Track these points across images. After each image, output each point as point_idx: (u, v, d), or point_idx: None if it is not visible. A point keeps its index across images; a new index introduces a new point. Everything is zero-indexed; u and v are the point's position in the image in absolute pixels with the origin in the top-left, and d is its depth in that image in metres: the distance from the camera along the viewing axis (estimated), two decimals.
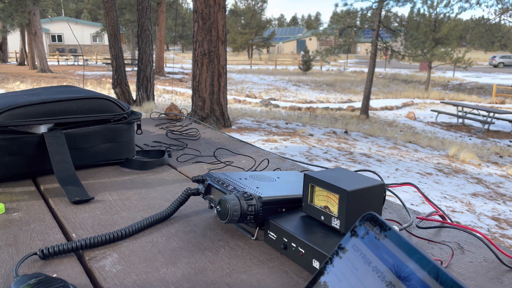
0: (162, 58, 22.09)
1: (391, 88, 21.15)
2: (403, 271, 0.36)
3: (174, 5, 27.74)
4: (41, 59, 20.18)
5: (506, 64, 36.53)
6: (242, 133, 7.17)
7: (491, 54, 43.03)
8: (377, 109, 14.19)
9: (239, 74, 25.40)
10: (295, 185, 0.76)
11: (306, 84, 21.54)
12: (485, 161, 7.02)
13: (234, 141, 1.37)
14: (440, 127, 11.33)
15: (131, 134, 1.07)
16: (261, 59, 46.63)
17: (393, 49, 15.03)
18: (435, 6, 19.08)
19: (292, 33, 71.96)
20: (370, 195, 0.63)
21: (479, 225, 3.98)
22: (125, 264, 0.59)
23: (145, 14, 9.71)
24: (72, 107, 0.96)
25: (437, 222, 0.75)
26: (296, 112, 12.39)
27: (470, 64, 18.91)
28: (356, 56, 55.20)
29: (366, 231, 0.41)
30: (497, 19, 22.08)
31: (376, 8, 13.86)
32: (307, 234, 0.61)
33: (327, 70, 31.68)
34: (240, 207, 0.63)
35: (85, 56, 35.44)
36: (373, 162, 6.02)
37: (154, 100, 10.51)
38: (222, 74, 7.55)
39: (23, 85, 14.97)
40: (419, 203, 4.26)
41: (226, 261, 0.61)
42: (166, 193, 0.88)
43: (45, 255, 0.59)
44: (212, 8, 7.11)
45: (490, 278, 0.58)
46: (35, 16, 19.26)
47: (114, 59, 9.86)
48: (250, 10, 41.56)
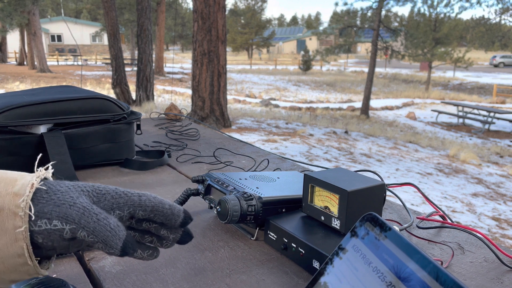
0: (161, 58, 22.09)
1: (391, 88, 21.15)
2: (404, 271, 0.36)
3: (174, 5, 27.74)
4: (40, 59, 20.17)
5: (506, 64, 36.51)
6: (242, 133, 7.17)
7: (491, 54, 43.01)
8: (378, 109, 14.19)
9: (239, 74, 25.40)
10: (295, 185, 0.76)
11: (306, 84, 21.54)
12: (485, 161, 7.02)
13: (234, 141, 1.37)
14: (441, 127, 11.33)
15: (131, 134, 1.07)
16: (261, 59, 46.62)
17: (393, 49, 15.03)
18: (435, 5, 19.07)
19: (292, 33, 71.96)
20: (370, 195, 0.63)
21: (480, 225, 3.98)
22: (124, 265, 0.59)
23: (145, 14, 9.71)
24: (72, 107, 0.95)
25: (438, 222, 0.75)
26: (296, 112, 12.39)
27: (471, 64, 18.91)
28: (356, 56, 55.21)
29: (366, 232, 0.41)
30: (498, 19, 22.08)
31: (376, 8, 13.86)
32: (307, 235, 0.61)
33: (327, 70, 31.68)
34: (240, 208, 0.63)
35: (84, 56, 35.43)
36: (373, 162, 6.02)
37: (153, 100, 10.51)
38: (222, 74, 7.55)
39: (22, 85, 14.97)
40: (419, 203, 4.26)
41: (226, 261, 0.61)
42: (166, 194, 0.88)
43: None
44: (212, 8, 7.11)
45: (490, 278, 0.58)
46: (35, 16, 19.25)
47: (113, 59, 9.86)
48: (250, 10, 41.56)
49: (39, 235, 0.34)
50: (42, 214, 0.34)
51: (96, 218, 0.35)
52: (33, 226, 0.34)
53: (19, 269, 0.35)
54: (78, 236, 0.34)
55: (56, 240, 0.35)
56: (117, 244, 0.35)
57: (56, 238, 0.34)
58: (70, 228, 0.34)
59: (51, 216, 0.34)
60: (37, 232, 0.34)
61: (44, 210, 0.34)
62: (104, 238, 0.35)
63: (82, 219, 0.34)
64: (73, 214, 0.34)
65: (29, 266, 0.35)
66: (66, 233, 0.34)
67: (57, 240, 0.34)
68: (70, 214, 0.34)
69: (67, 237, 0.34)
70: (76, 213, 0.34)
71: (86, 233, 0.34)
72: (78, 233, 0.34)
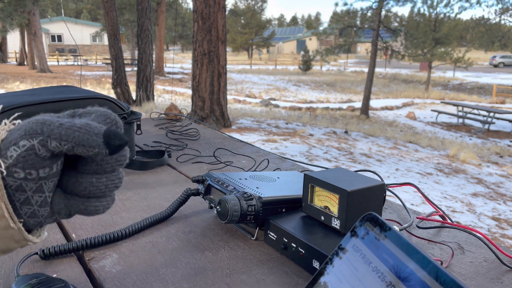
0: (162, 58, 22.09)
1: (391, 88, 21.15)
2: (403, 271, 0.36)
3: (174, 5, 27.74)
4: (40, 59, 20.17)
5: (506, 64, 36.52)
6: (242, 133, 7.17)
7: (491, 54, 43.01)
8: (377, 109, 14.19)
9: (239, 74, 25.40)
10: (295, 185, 0.76)
11: (306, 84, 21.54)
12: (485, 161, 7.02)
13: (234, 141, 1.37)
14: (440, 127, 11.33)
15: (131, 134, 1.07)
16: (261, 59, 46.62)
17: (393, 49, 15.03)
18: (435, 5, 19.07)
19: (292, 33, 71.95)
20: (370, 195, 0.63)
21: (480, 225, 3.98)
22: (125, 265, 0.59)
23: (145, 14, 9.71)
24: (72, 107, 0.95)
25: (437, 222, 0.75)
26: (296, 112, 12.39)
27: (470, 64, 18.91)
28: (356, 56, 55.19)
29: (366, 231, 0.41)
30: (497, 19, 22.08)
31: (376, 8, 13.86)
32: (307, 234, 0.61)
33: (327, 70, 31.68)
34: (240, 207, 0.63)
35: (85, 56, 35.43)
36: (373, 162, 6.02)
37: (154, 100, 10.51)
38: (222, 74, 7.55)
39: (22, 85, 14.96)
40: (419, 203, 4.26)
41: (226, 261, 0.61)
42: (166, 194, 0.88)
43: (45, 255, 0.59)
44: (212, 8, 7.11)
45: (490, 278, 0.58)
46: (35, 16, 19.25)
47: (114, 59, 9.86)
48: (250, 10, 41.55)
49: (16, 167, 0.31)
50: (8, 144, 0.32)
51: (58, 123, 0.32)
52: (5, 161, 0.31)
53: (2, 235, 0.32)
54: (51, 148, 0.31)
55: (37, 164, 0.31)
56: (96, 141, 0.32)
57: (33, 160, 0.31)
58: (38, 141, 0.31)
59: (16, 140, 0.31)
60: (13, 164, 0.31)
61: (8, 140, 0.32)
62: (77, 139, 0.31)
63: (44, 128, 0.31)
64: (34, 126, 0.31)
65: (13, 229, 0.32)
66: (38, 149, 0.31)
67: (36, 162, 0.31)
68: (30, 128, 0.31)
69: (43, 154, 0.31)
70: (36, 125, 0.31)
71: (56, 141, 0.31)
72: (49, 145, 0.31)
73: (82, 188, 0.35)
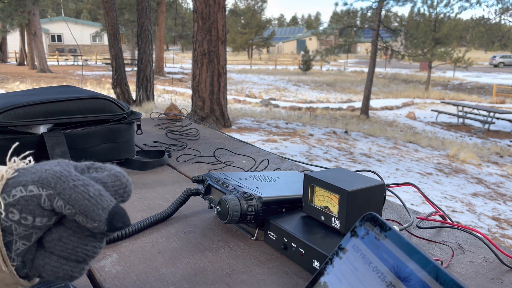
0: (162, 58, 22.09)
1: (391, 88, 21.15)
2: (404, 271, 0.36)
3: (174, 5, 27.73)
4: (40, 59, 20.17)
5: (506, 64, 36.53)
6: (242, 133, 7.17)
7: (491, 54, 43.01)
8: (377, 109, 14.19)
9: (239, 74, 25.40)
10: (295, 185, 0.76)
11: (306, 84, 21.54)
12: (485, 161, 7.02)
13: (234, 141, 1.37)
14: (441, 127, 11.33)
15: (131, 134, 1.07)
16: (261, 59, 46.61)
17: (393, 49, 15.03)
18: (435, 5, 19.08)
19: (292, 33, 71.95)
20: (370, 195, 0.63)
21: (480, 225, 3.98)
22: (125, 265, 0.59)
23: (145, 14, 9.71)
24: (72, 107, 0.95)
25: (437, 222, 0.75)
26: (296, 112, 12.39)
27: (470, 64, 18.91)
28: (356, 56, 55.19)
29: (366, 231, 0.41)
30: (497, 19, 22.08)
31: (376, 8, 13.86)
32: (307, 234, 0.61)
33: (327, 70, 31.68)
34: (240, 207, 0.63)
35: (85, 56, 35.43)
36: (373, 162, 6.02)
37: (154, 100, 10.52)
38: (222, 74, 7.55)
39: (22, 85, 14.96)
40: (419, 203, 4.26)
41: (226, 261, 0.61)
42: (166, 194, 0.88)
43: None
44: (212, 8, 7.11)
45: (490, 278, 0.58)
46: (35, 16, 19.25)
47: (113, 59, 9.86)
48: (250, 10, 41.56)
49: (14, 208, 0.30)
50: (17, 183, 0.30)
51: (73, 184, 0.30)
52: (6, 198, 0.30)
53: None
54: (55, 206, 0.30)
55: (36, 212, 0.30)
56: (100, 216, 0.30)
57: (35, 208, 0.30)
58: (47, 194, 0.30)
59: (26, 183, 0.30)
60: (12, 204, 0.30)
61: (18, 180, 0.31)
62: (83, 208, 0.30)
63: (58, 183, 0.30)
64: (49, 178, 0.30)
65: (4, 273, 0.30)
66: (44, 201, 0.30)
67: (37, 211, 0.30)
68: (45, 178, 0.30)
69: (46, 207, 0.30)
70: (52, 177, 0.30)
71: (63, 202, 0.30)
72: (55, 202, 0.30)
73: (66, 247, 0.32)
